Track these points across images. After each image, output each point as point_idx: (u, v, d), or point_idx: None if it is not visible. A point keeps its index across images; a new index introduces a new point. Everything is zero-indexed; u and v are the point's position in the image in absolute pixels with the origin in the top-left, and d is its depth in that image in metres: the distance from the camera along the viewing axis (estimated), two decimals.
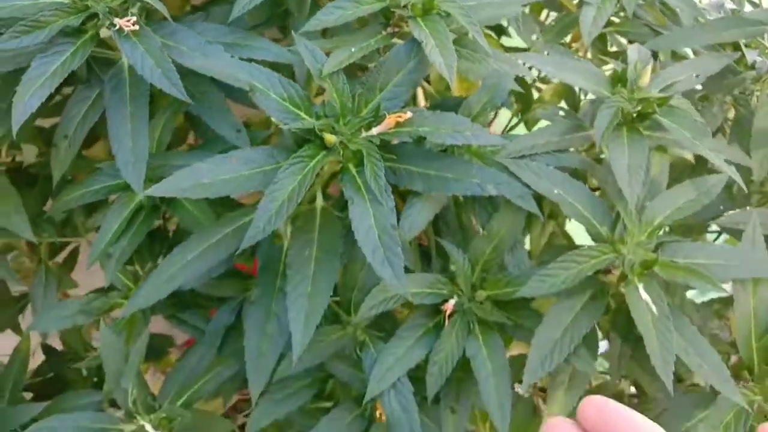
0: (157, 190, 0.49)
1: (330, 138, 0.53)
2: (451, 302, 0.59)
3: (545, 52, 0.72)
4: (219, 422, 0.73)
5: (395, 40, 0.61)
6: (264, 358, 0.61)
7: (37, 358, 0.99)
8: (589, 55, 0.83)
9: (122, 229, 0.67)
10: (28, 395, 0.89)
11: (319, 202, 0.60)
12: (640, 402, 0.69)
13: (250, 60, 0.58)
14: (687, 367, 0.63)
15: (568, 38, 0.87)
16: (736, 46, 0.75)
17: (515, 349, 0.63)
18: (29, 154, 0.76)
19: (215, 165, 0.52)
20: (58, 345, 1.00)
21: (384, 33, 0.61)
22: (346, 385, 0.63)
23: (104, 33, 0.57)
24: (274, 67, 0.59)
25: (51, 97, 0.71)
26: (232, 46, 0.63)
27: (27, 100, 0.52)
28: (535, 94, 0.91)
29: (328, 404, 0.68)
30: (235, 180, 0.52)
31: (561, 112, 0.68)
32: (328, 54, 0.58)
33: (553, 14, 0.90)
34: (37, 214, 0.76)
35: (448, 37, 0.56)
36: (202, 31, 0.63)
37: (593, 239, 0.58)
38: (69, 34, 0.56)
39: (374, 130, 0.54)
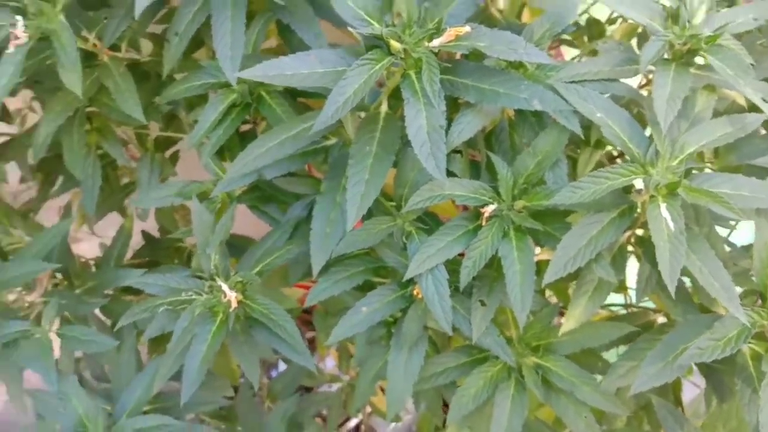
0: (248, 73, 0.59)
1: (395, 45, 0.60)
2: (491, 207, 0.66)
3: None
4: (286, 298, 0.84)
5: None
6: (326, 239, 0.71)
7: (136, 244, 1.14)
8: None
9: (218, 120, 0.78)
10: None
11: (384, 108, 0.68)
12: (666, 328, 0.73)
13: None
14: (710, 298, 0.68)
15: None
16: None
17: (544, 255, 0.69)
18: (145, 52, 0.89)
19: (297, 60, 0.61)
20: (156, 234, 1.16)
21: None
22: (392, 270, 0.73)
23: None
24: None
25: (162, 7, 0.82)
26: None
27: None
28: None
29: None
30: (311, 75, 0.61)
31: (620, 47, 0.72)
32: None
33: None
34: (146, 106, 0.89)
35: None
36: None
37: (629, 161, 0.63)
38: None
39: (435, 42, 0.61)
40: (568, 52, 1.27)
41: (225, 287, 0.75)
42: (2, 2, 0.71)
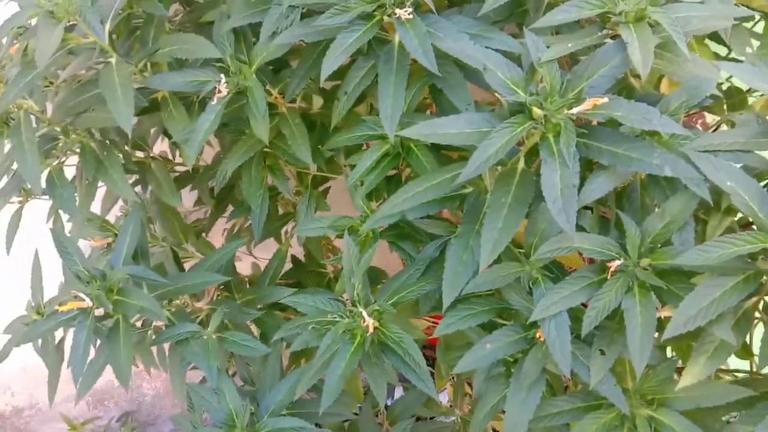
0: (407, 132, 0.69)
1: (537, 111, 0.68)
2: (617, 262, 0.71)
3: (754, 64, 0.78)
4: (414, 328, 0.93)
5: (607, 40, 0.73)
6: (457, 277, 0.79)
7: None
8: None
9: (372, 167, 0.90)
10: None
11: (521, 164, 0.76)
12: None
13: (488, 48, 0.76)
14: None
15: None
16: None
17: (666, 312, 0.72)
18: (315, 105, 1.03)
19: (448, 121, 0.71)
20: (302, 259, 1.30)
21: (600, 34, 0.74)
22: (516, 312, 0.79)
23: (386, 19, 0.78)
24: (507, 55, 0.76)
25: None
26: (476, 36, 0.81)
27: (333, 60, 0.75)
28: None
29: None
30: (460, 134, 0.70)
31: (758, 120, 0.75)
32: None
33: None
34: (312, 150, 1.03)
35: (650, 41, 0.67)
36: (456, 23, 0.82)
37: (757, 229, 0.65)
38: (363, 18, 0.78)
39: (575, 110, 0.68)
40: (711, 116, 1.28)
41: (365, 313, 0.85)
42: (209, 62, 0.88)
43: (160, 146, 1.26)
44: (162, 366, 1.08)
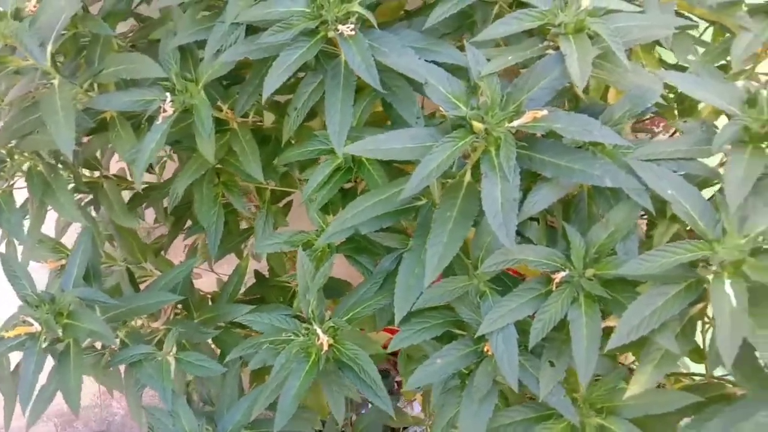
0: (351, 149, 0.69)
1: (478, 125, 0.68)
2: (562, 273, 0.71)
3: (697, 73, 0.79)
4: (372, 343, 0.92)
5: (549, 51, 0.73)
6: (410, 291, 0.79)
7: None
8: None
9: (324, 181, 0.89)
10: None
11: (467, 177, 0.76)
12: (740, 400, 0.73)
13: (435, 62, 0.76)
14: None
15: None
16: None
17: (611, 322, 0.72)
18: (268, 120, 1.02)
19: (392, 137, 0.70)
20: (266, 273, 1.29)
21: (541, 45, 0.74)
22: (467, 326, 0.79)
23: (330, 34, 0.78)
24: (455, 69, 0.76)
25: (287, 79, 0.96)
26: (423, 50, 0.81)
27: (275, 78, 0.74)
28: None
29: None
30: (404, 150, 0.70)
31: (702, 127, 0.75)
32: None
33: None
34: (266, 165, 1.02)
35: (589, 52, 0.68)
36: (402, 37, 0.82)
37: (697, 237, 0.66)
38: (306, 34, 0.78)
39: (515, 123, 0.68)
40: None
41: (319, 331, 0.84)
42: (158, 81, 0.87)
43: (119, 164, 1.24)
44: (121, 388, 1.06)
